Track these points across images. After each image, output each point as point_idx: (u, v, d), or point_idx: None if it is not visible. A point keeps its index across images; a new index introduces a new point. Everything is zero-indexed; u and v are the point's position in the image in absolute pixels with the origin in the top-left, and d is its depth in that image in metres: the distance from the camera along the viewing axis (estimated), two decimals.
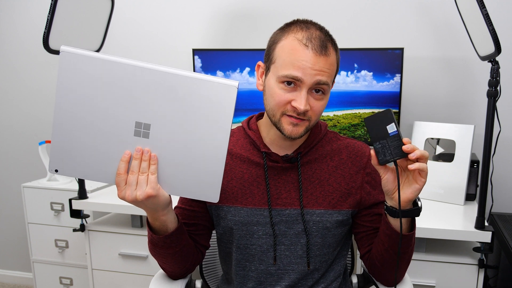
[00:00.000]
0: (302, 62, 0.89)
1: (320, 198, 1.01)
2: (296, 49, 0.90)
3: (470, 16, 1.44)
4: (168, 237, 0.93)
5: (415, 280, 1.49)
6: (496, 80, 1.31)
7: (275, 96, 0.92)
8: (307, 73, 0.89)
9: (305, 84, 0.90)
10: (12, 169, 2.55)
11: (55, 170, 0.80)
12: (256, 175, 1.02)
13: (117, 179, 0.80)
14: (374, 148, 0.88)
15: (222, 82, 0.77)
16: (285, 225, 1.01)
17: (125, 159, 0.79)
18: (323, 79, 0.90)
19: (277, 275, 1.03)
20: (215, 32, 2.17)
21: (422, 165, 0.84)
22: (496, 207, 1.88)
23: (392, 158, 0.86)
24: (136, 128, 0.78)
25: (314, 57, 0.89)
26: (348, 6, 1.99)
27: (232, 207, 1.02)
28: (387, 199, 0.93)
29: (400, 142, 0.85)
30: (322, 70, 0.90)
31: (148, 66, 0.75)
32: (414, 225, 0.96)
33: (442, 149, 1.72)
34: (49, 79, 2.39)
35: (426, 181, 0.86)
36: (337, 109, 1.86)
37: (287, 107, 0.92)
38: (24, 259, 2.57)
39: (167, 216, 0.91)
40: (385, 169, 0.89)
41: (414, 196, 0.88)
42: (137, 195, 0.80)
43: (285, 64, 0.90)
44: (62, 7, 1.53)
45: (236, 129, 1.09)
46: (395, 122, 0.86)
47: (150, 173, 0.80)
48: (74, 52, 0.74)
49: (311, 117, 0.94)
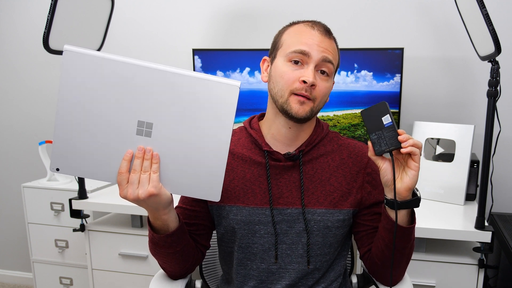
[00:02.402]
0: (309, 39, 0.95)
1: (321, 198, 1.02)
2: (303, 30, 0.97)
3: (470, 16, 1.44)
4: (169, 236, 0.93)
5: (415, 280, 1.49)
6: (496, 80, 1.31)
7: (283, 75, 0.95)
8: (314, 48, 0.94)
9: (312, 59, 0.94)
10: (12, 169, 2.55)
11: (57, 168, 0.80)
12: (258, 174, 1.03)
13: (119, 178, 0.81)
14: (370, 139, 0.91)
15: (224, 82, 0.78)
16: (286, 224, 1.02)
17: (127, 158, 0.80)
18: (329, 56, 0.96)
19: (278, 274, 1.03)
20: (215, 32, 2.17)
21: (413, 148, 0.87)
22: (496, 207, 1.88)
23: (388, 148, 0.89)
24: (138, 127, 0.79)
25: (320, 36, 0.96)
26: (348, 6, 1.99)
27: (234, 207, 1.02)
28: (387, 191, 0.94)
29: (395, 133, 0.88)
30: (327, 49, 0.96)
31: (151, 65, 0.76)
32: (414, 218, 0.97)
33: (442, 149, 1.72)
34: (49, 79, 2.39)
35: (419, 166, 0.89)
36: (337, 109, 1.86)
37: (295, 85, 0.94)
38: (24, 259, 2.57)
39: (169, 216, 0.91)
40: (382, 160, 0.92)
41: (413, 183, 0.89)
42: (139, 193, 0.80)
43: (293, 42, 0.96)
44: (62, 7, 1.53)
45: (238, 129, 1.10)
46: (390, 114, 0.89)
47: (152, 172, 0.81)
48: (77, 51, 0.74)
49: (316, 97, 0.96)
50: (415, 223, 0.97)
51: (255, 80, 1.92)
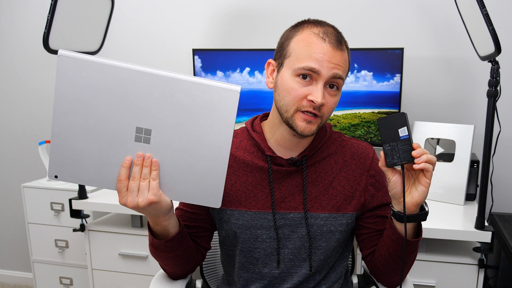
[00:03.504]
0: (320, 54, 0.88)
1: (324, 202, 1.00)
2: (314, 42, 0.89)
3: (470, 16, 1.44)
4: (169, 241, 0.93)
5: (415, 280, 1.49)
6: (496, 80, 1.31)
7: (290, 91, 0.90)
8: (325, 65, 0.88)
9: (322, 77, 0.89)
10: (12, 169, 2.55)
11: (55, 176, 0.79)
12: (260, 178, 1.01)
13: (118, 186, 0.79)
14: (383, 149, 0.87)
15: (223, 87, 0.75)
16: (289, 228, 1.00)
17: (126, 165, 0.78)
18: (339, 73, 0.90)
19: (280, 278, 1.03)
20: (215, 32, 2.17)
21: (427, 165, 0.84)
22: (496, 207, 1.88)
23: (399, 162, 0.86)
24: (137, 133, 0.77)
25: (331, 50, 0.89)
26: (348, 6, 1.99)
27: (236, 211, 1.01)
28: (394, 203, 0.92)
29: (410, 147, 0.85)
30: (339, 64, 0.90)
31: (148, 70, 0.74)
32: (420, 231, 0.95)
33: (442, 149, 1.72)
34: (49, 79, 2.39)
35: (430, 182, 0.86)
36: (337, 109, 1.85)
37: (303, 103, 0.90)
38: (24, 259, 2.57)
39: (169, 221, 0.90)
40: (392, 172, 0.89)
41: (422, 199, 0.87)
42: (138, 201, 0.80)
43: (302, 56, 0.89)
44: (62, 7, 1.53)
45: (240, 130, 1.07)
46: (408, 126, 0.85)
47: (152, 179, 0.79)
48: (72, 56, 0.72)
49: (324, 113, 0.93)
50: (421, 237, 0.95)
51: (255, 80, 1.92)
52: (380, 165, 0.89)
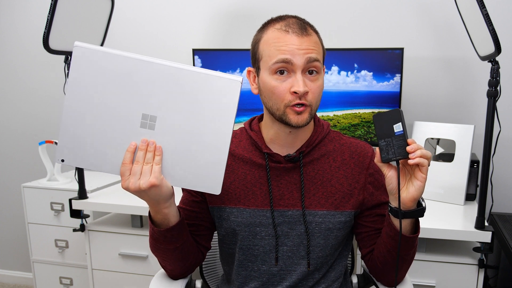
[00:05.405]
0: (288, 45, 0.90)
1: (322, 199, 1.01)
2: (278, 36, 0.92)
3: (470, 16, 1.44)
4: (169, 230, 0.93)
5: (415, 280, 1.49)
6: (496, 80, 1.31)
7: (273, 90, 0.93)
8: (296, 54, 0.90)
9: (297, 66, 0.90)
10: (12, 169, 2.55)
11: (62, 160, 0.83)
12: (259, 176, 1.02)
13: (122, 169, 0.82)
14: (379, 145, 0.89)
15: (226, 77, 0.80)
16: (287, 226, 1.01)
17: (131, 150, 0.82)
18: (313, 55, 0.91)
19: (279, 276, 1.03)
20: (215, 32, 2.17)
21: (421, 159, 0.84)
22: (496, 207, 1.88)
23: (394, 157, 0.87)
24: (142, 120, 0.81)
25: (297, 38, 0.91)
26: (348, 6, 1.99)
27: (235, 208, 1.02)
28: (391, 199, 0.93)
29: (405, 143, 0.86)
30: (308, 48, 0.91)
31: (156, 60, 0.79)
32: (418, 227, 0.96)
33: (442, 149, 1.72)
34: (49, 79, 2.39)
35: (426, 177, 0.86)
36: (337, 109, 1.85)
37: (289, 97, 0.92)
38: (24, 259, 2.57)
39: (169, 209, 0.91)
40: (388, 168, 0.90)
41: (418, 194, 0.88)
42: (140, 184, 0.82)
43: (272, 53, 0.92)
44: (62, 7, 1.53)
45: (239, 130, 1.09)
46: (403, 122, 0.86)
47: (155, 164, 0.82)
48: (88, 47, 0.78)
49: (312, 101, 0.93)
50: (418, 233, 0.95)
51: None
52: (375, 161, 0.90)
